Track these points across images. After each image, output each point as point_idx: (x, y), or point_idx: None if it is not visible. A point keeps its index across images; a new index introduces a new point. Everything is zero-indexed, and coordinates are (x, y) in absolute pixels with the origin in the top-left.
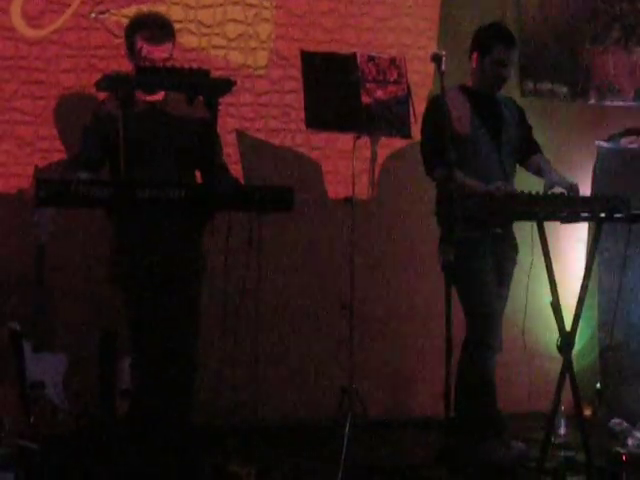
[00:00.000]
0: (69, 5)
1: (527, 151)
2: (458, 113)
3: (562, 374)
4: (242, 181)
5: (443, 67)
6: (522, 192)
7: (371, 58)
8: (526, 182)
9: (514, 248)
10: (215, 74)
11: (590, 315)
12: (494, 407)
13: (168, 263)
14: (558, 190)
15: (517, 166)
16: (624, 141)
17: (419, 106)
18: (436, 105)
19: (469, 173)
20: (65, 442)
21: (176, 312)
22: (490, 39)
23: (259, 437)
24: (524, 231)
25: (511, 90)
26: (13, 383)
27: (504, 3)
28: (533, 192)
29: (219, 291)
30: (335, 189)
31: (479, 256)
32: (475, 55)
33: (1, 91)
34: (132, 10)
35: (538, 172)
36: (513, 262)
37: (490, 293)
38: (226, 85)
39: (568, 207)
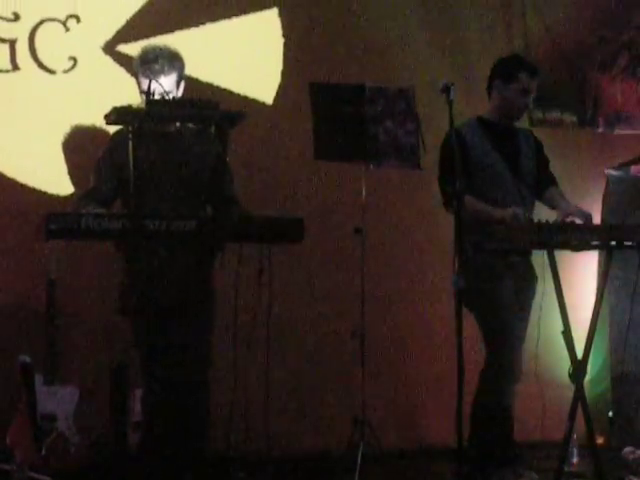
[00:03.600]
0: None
1: (544, 184)
2: (476, 144)
3: (574, 403)
4: (252, 212)
5: (452, 97)
6: (532, 220)
7: (379, 89)
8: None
9: (533, 277)
10: (225, 106)
11: (602, 343)
12: (510, 437)
13: (178, 295)
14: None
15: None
16: (634, 169)
17: (428, 137)
18: (449, 137)
19: (487, 203)
20: (77, 475)
21: (187, 344)
22: (515, 67)
23: (271, 468)
24: (535, 259)
25: (520, 120)
26: (24, 416)
27: (511, 33)
28: (544, 221)
29: (230, 322)
30: (345, 220)
31: (499, 284)
32: (497, 83)
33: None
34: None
35: (553, 204)
36: (533, 291)
37: (511, 321)
38: (237, 117)
39: (579, 235)
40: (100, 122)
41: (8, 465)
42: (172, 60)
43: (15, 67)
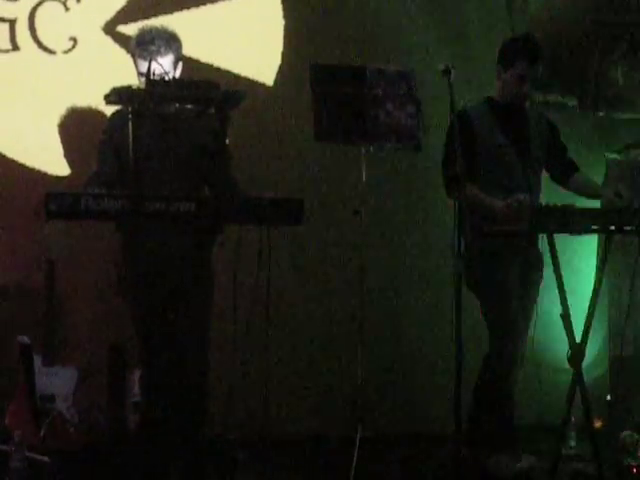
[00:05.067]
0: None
1: (568, 171)
2: (484, 126)
3: (572, 386)
4: (252, 194)
5: (452, 80)
6: (533, 204)
7: (380, 71)
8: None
9: (540, 263)
10: (225, 87)
11: (600, 327)
12: (511, 422)
13: (177, 276)
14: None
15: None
16: (634, 153)
17: (428, 119)
18: (453, 122)
19: (493, 187)
20: (75, 455)
21: (185, 325)
22: (514, 54)
23: (270, 451)
24: None
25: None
26: (23, 396)
27: (512, 17)
28: (543, 204)
29: (229, 303)
30: (344, 201)
31: (504, 269)
32: (498, 68)
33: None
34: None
35: (586, 191)
36: (539, 277)
37: (514, 307)
38: (236, 97)
39: (578, 219)
40: (100, 102)
41: (7, 446)
42: (169, 41)
43: (15, 47)
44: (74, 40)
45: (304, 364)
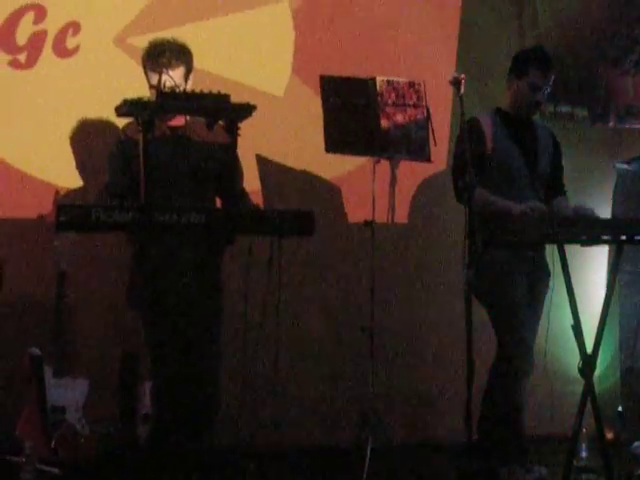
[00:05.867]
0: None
1: (553, 192)
2: (492, 137)
3: (583, 397)
4: (262, 205)
5: (462, 91)
6: (544, 214)
7: (390, 82)
8: None
9: (547, 273)
10: (235, 99)
11: (611, 338)
12: (521, 431)
13: (187, 287)
14: None
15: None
16: None
17: (438, 130)
18: (463, 131)
19: (502, 197)
20: (86, 467)
21: (196, 336)
22: (526, 62)
23: (279, 462)
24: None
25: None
26: (34, 408)
27: (523, 28)
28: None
29: (239, 314)
30: (355, 213)
31: (511, 278)
32: (510, 77)
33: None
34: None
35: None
36: (546, 286)
37: (523, 317)
38: (246, 109)
39: (589, 230)
40: (111, 114)
41: (18, 457)
42: (179, 53)
43: (27, 59)
44: (85, 52)
45: (314, 375)
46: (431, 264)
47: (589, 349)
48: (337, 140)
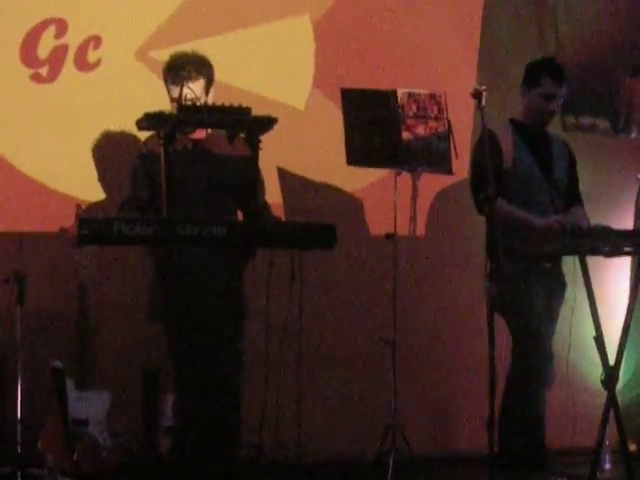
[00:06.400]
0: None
1: (570, 200)
2: (508, 148)
3: (606, 409)
4: (284, 218)
5: (483, 103)
6: (565, 226)
7: (411, 94)
8: None
9: (562, 284)
10: (256, 112)
11: (634, 349)
12: (541, 443)
13: (209, 300)
14: None
15: None
16: None
17: (459, 142)
18: (481, 141)
19: (520, 207)
20: (108, 479)
21: (218, 349)
22: (538, 72)
23: (301, 474)
24: (567, 265)
25: (552, 125)
26: (56, 421)
27: (543, 38)
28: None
29: (261, 327)
30: (377, 225)
31: (529, 289)
32: (524, 87)
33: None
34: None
35: None
36: (561, 298)
37: (541, 328)
38: (267, 122)
39: (611, 241)
40: (132, 128)
41: (40, 470)
42: (200, 66)
43: (50, 73)
44: (106, 66)
45: (337, 387)
46: (453, 276)
47: (612, 361)
48: (358, 153)
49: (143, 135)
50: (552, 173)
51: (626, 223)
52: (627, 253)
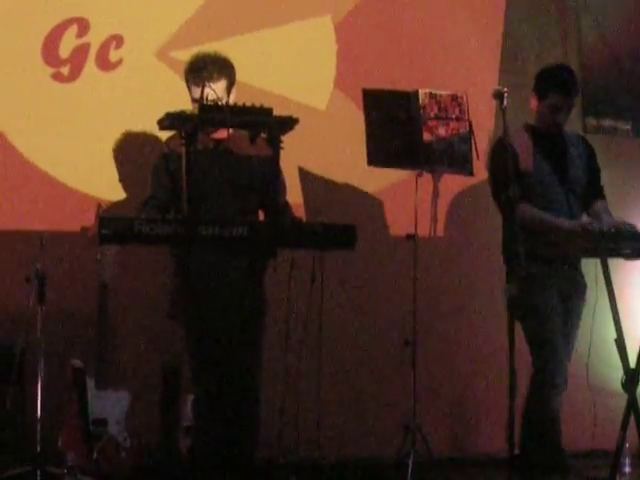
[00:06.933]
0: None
1: (591, 197)
2: (523, 152)
3: (627, 412)
4: (305, 218)
5: (505, 104)
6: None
7: (433, 95)
8: None
9: (582, 285)
10: (277, 112)
11: None
12: (558, 446)
13: (230, 300)
14: None
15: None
16: None
17: (481, 143)
18: (500, 144)
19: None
20: (127, 479)
21: (238, 349)
22: (546, 85)
23: (321, 474)
24: (588, 268)
25: (574, 127)
26: (76, 420)
27: (565, 40)
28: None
29: (281, 328)
30: (397, 226)
31: (544, 292)
32: (533, 98)
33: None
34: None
35: (597, 219)
36: (581, 300)
37: (556, 331)
38: (289, 123)
39: (632, 244)
40: (153, 127)
41: (59, 469)
42: (221, 66)
43: (71, 73)
44: (128, 65)
45: (357, 388)
46: (473, 277)
47: (632, 363)
48: (379, 153)
49: (164, 135)
50: (568, 175)
51: None
52: None
